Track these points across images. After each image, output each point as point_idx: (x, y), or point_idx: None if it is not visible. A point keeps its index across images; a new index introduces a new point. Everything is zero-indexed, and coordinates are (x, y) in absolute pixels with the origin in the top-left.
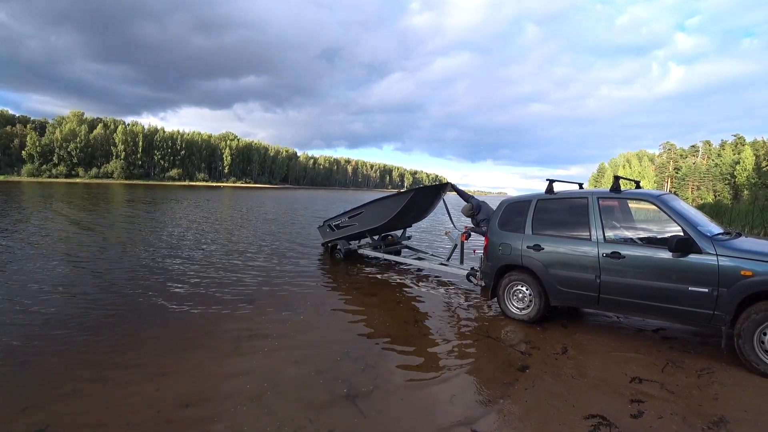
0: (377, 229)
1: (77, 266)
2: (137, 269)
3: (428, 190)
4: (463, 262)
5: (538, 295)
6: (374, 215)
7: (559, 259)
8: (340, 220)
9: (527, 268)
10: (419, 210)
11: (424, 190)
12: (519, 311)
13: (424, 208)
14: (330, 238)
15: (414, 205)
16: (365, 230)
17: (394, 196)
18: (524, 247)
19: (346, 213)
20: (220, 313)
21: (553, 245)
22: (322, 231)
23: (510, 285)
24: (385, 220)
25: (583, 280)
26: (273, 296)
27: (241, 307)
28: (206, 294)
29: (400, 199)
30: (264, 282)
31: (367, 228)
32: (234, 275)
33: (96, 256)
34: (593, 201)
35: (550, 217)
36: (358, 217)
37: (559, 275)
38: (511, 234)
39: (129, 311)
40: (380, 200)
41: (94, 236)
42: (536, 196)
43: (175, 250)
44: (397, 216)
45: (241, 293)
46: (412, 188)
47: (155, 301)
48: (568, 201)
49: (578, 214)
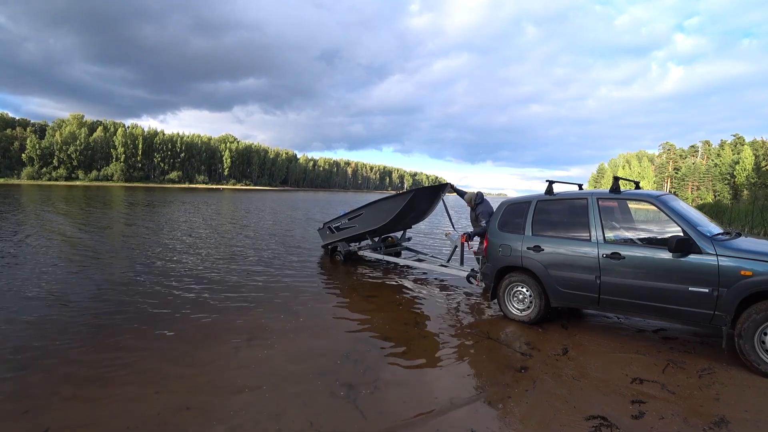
0: (377, 231)
1: (75, 271)
2: (136, 274)
3: (428, 191)
4: (463, 263)
5: (539, 296)
6: (374, 216)
7: (559, 260)
8: (340, 222)
9: (527, 269)
10: (419, 211)
11: (423, 190)
12: (519, 312)
13: (424, 209)
14: (330, 241)
15: (413, 206)
16: (365, 232)
17: (393, 197)
18: (524, 248)
19: (346, 215)
20: (220, 317)
21: (553, 246)
22: (322, 233)
23: (510, 286)
24: (385, 221)
25: (583, 280)
26: (273, 299)
27: (241, 311)
28: (206, 298)
29: (400, 200)
30: (263, 284)
31: (367, 229)
32: (233, 278)
33: (92, 261)
34: (593, 202)
35: (550, 218)
36: (358, 218)
37: (560, 276)
38: (511, 235)
39: (127, 318)
40: (380, 201)
41: (92, 240)
42: (536, 197)
43: (174, 254)
44: (397, 217)
45: (241, 296)
46: (412, 189)
47: (154, 307)
48: (567, 202)
49: (578, 215)
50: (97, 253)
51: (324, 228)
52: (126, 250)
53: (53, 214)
